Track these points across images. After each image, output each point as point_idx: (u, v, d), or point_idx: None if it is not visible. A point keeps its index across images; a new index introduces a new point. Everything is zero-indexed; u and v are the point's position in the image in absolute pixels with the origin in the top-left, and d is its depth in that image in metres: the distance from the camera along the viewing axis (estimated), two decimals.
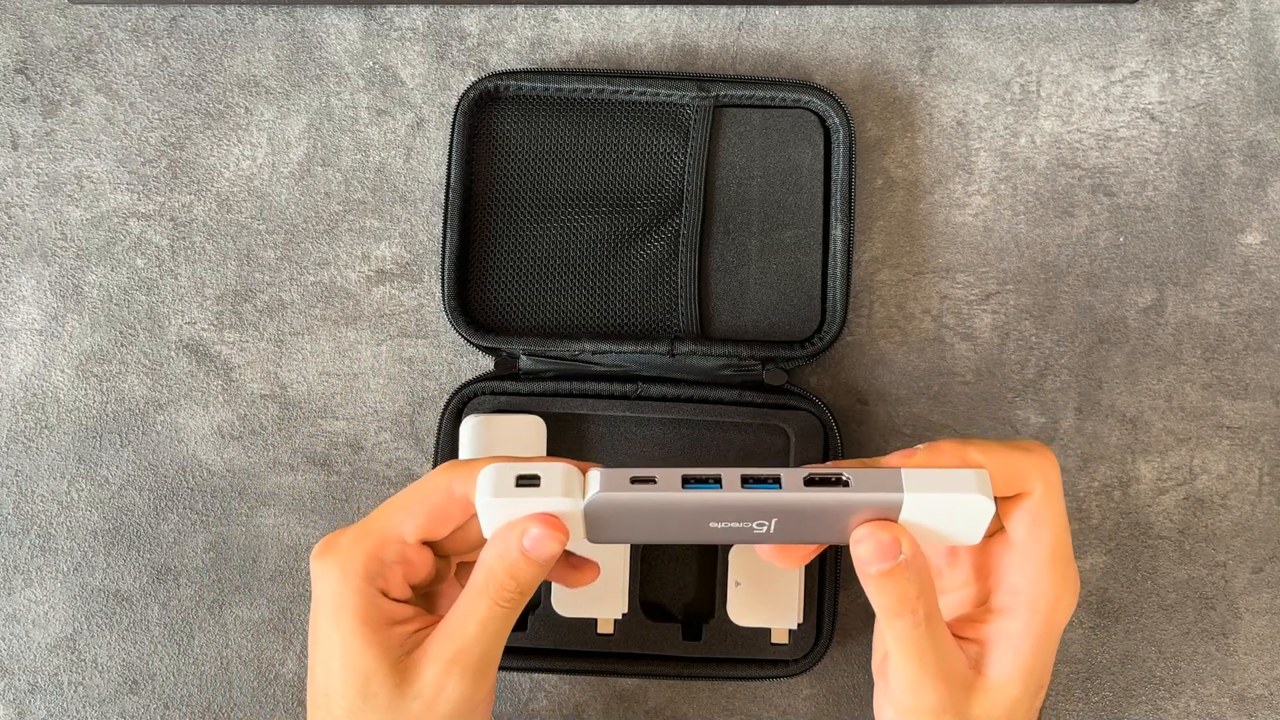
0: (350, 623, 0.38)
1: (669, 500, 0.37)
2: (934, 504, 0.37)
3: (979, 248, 0.52)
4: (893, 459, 0.38)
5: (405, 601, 0.40)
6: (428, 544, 0.40)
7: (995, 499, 0.37)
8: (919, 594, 0.38)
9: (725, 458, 0.51)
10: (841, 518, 0.38)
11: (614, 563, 0.49)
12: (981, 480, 0.37)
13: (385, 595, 0.39)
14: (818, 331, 0.50)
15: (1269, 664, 0.52)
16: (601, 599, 0.48)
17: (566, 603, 0.49)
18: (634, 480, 0.37)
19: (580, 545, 0.40)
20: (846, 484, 0.37)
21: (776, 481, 0.37)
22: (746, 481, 0.37)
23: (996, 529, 0.40)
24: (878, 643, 0.44)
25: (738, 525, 0.38)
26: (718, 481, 0.37)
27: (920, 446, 0.39)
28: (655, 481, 0.37)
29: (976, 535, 0.39)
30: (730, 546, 0.49)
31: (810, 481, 0.37)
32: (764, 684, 0.51)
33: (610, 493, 0.37)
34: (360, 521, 0.40)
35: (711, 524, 0.38)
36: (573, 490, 0.37)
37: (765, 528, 0.38)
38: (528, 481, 0.38)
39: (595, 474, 0.38)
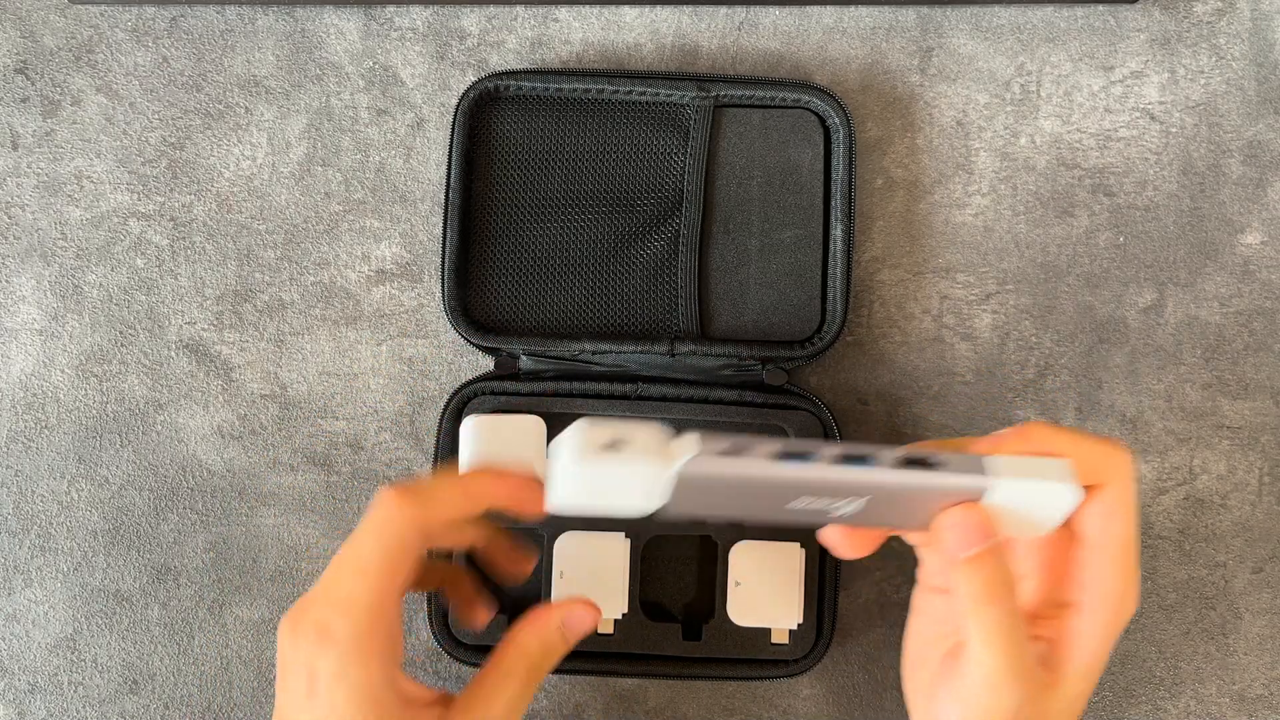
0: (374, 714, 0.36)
1: (760, 471, 0.36)
2: (1020, 491, 0.37)
3: (979, 248, 0.52)
4: (981, 443, 0.38)
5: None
6: None
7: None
8: (1008, 581, 0.37)
9: None
10: (926, 502, 0.37)
11: (613, 562, 0.49)
12: (1067, 471, 0.37)
13: (401, 669, 0.38)
14: (818, 331, 0.50)
15: (1269, 664, 0.52)
16: (601, 598, 0.48)
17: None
18: (729, 448, 0.36)
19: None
20: (938, 466, 0.37)
21: (870, 460, 0.37)
22: (840, 459, 0.36)
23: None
24: (911, 642, 0.44)
25: (821, 505, 0.37)
26: (811, 455, 0.36)
27: (1007, 430, 0.38)
28: (750, 449, 0.36)
29: (1052, 525, 0.38)
30: (730, 546, 0.49)
31: (903, 462, 0.37)
32: (764, 684, 0.51)
33: (704, 458, 0.36)
34: (335, 591, 0.37)
35: (794, 503, 0.37)
36: (663, 453, 0.36)
37: (851, 507, 0.37)
38: (615, 444, 0.36)
39: (691, 438, 0.36)
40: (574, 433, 0.36)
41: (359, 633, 0.36)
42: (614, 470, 0.36)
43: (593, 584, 0.49)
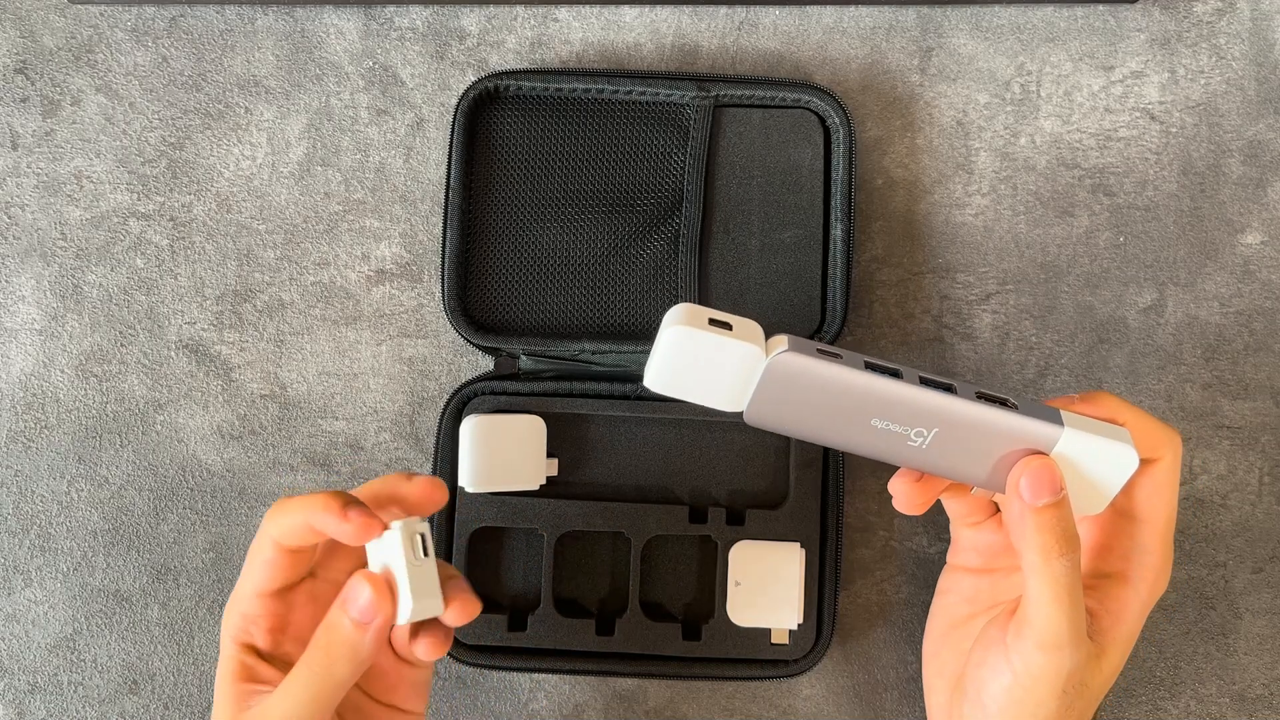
0: (220, 680, 0.41)
1: (847, 379, 0.37)
2: (1087, 446, 0.38)
3: (979, 248, 0.52)
4: (1053, 403, 0.39)
5: (277, 657, 0.41)
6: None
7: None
8: (1076, 536, 0.37)
9: (725, 457, 0.51)
10: (997, 445, 0.38)
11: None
12: (1128, 436, 0.38)
13: (254, 650, 0.40)
14: (818, 331, 0.50)
15: (1269, 664, 0.52)
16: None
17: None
18: (820, 351, 0.37)
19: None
20: (1014, 407, 0.38)
21: (951, 389, 0.37)
22: (924, 381, 0.37)
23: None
24: (937, 621, 0.44)
25: (898, 430, 0.38)
26: (897, 374, 0.37)
27: (1076, 395, 0.39)
28: (840, 357, 0.37)
29: (1108, 497, 0.39)
30: (730, 546, 0.49)
31: (981, 396, 0.38)
32: (764, 684, 0.51)
33: (796, 354, 0.37)
34: (235, 587, 0.41)
35: (874, 421, 0.37)
36: (759, 342, 0.37)
37: (922, 440, 0.38)
38: (720, 324, 0.37)
39: (783, 336, 0.37)
40: (681, 307, 0.37)
41: (225, 615, 0.41)
42: (714, 345, 0.37)
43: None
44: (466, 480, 0.48)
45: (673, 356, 0.37)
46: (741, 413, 0.38)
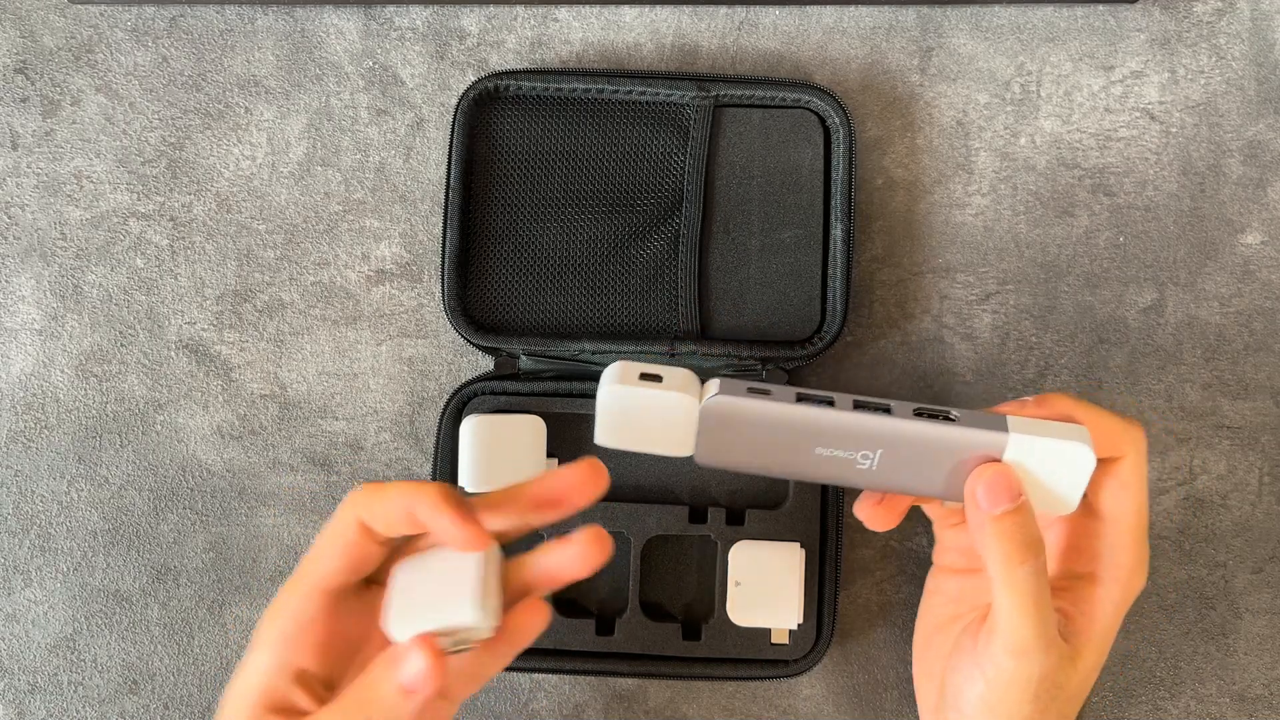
0: (240, 700, 0.37)
1: (781, 413, 0.38)
2: (1038, 449, 0.37)
3: (979, 248, 0.52)
4: (1003, 408, 0.39)
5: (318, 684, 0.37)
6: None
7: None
8: (1039, 541, 0.37)
9: None
10: (944, 459, 0.38)
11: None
12: (1084, 434, 0.38)
13: (297, 674, 0.36)
14: (818, 331, 0.50)
15: (1269, 664, 0.52)
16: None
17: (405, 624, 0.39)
18: (750, 390, 0.38)
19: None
20: (954, 420, 0.38)
21: (887, 410, 0.38)
22: (858, 405, 0.38)
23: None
24: (924, 623, 0.44)
25: (843, 455, 0.38)
26: (830, 402, 0.38)
27: (1029, 398, 0.39)
28: (770, 394, 0.38)
29: (1074, 499, 0.38)
30: (730, 546, 0.49)
31: (919, 413, 0.38)
32: (764, 684, 0.51)
33: (728, 396, 0.38)
34: (286, 584, 0.38)
35: (817, 449, 0.38)
36: (692, 390, 0.38)
37: (869, 462, 0.38)
38: (651, 378, 0.38)
39: (714, 380, 0.39)
40: (614, 366, 0.39)
41: (263, 625, 0.37)
42: (647, 399, 0.38)
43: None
44: (466, 480, 0.48)
45: (612, 414, 0.39)
46: (692, 456, 0.39)
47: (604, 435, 0.40)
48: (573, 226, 0.51)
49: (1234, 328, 0.52)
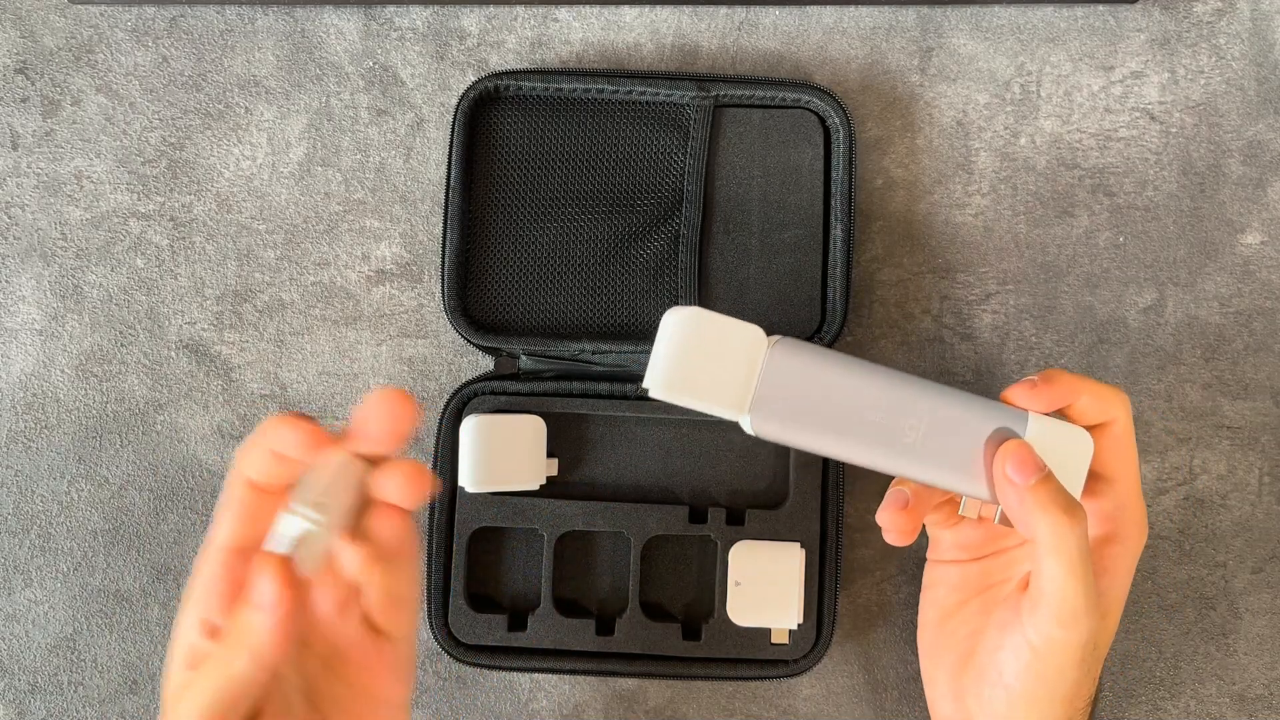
0: (170, 664, 0.37)
1: (845, 363, 0.38)
2: (1050, 430, 0.39)
3: (979, 248, 0.52)
4: (1016, 388, 0.40)
5: None
6: None
7: (1090, 430, 0.40)
8: (1078, 505, 0.38)
9: (725, 457, 0.51)
10: (977, 432, 0.39)
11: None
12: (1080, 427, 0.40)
13: (211, 627, 0.37)
14: (818, 331, 0.50)
15: (1269, 664, 0.52)
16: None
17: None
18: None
19: None
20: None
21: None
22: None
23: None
24: (929, 613, 0.45)
25: (892, 423, 0.39)
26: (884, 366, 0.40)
27: (1035, 375, 0.41)
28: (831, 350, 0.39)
29: (1078, 485, 0.40)
30: (730, 546, 0.49)
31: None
32: (764, 684, 0.51)
33: (796, 340, 0.38)
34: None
35: (869, 414, 0.38)
36: (759, 344, 0.38)
37: (915, 434, 0.39)
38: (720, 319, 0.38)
39: (777, 335, 0.39)
40: (677, 307, 0.38)
41: (188, 589, 0.38)
42: (718, 327, 0.37)
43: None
44: (466, 480, 0.48)
45: (674, 346, 0.37)
46: (743, 421, 0.38)
47: (658, 377, 0.37)
48: (573, 226, 0.51)
49: (1234, 328, 0.52)
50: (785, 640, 0.49)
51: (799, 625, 0.49)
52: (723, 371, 0.37)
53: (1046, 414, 0.40)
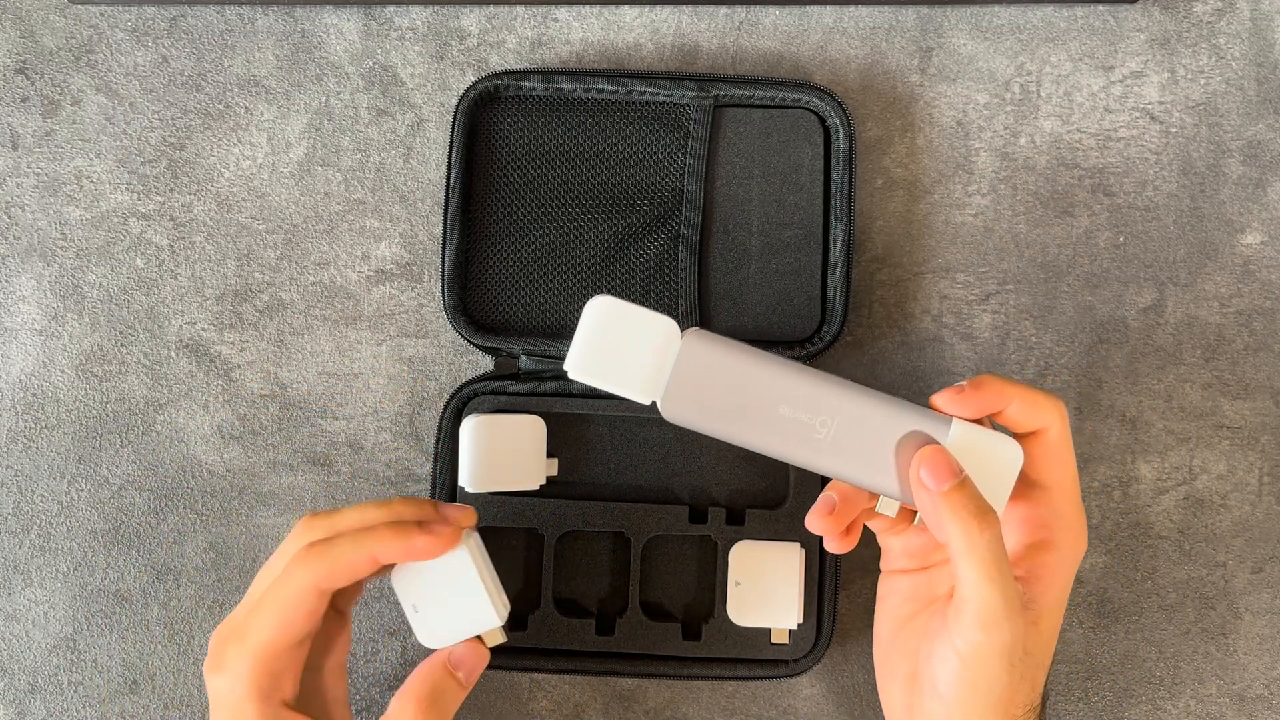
0: None
1: (757, 358, 0.39)
2: (976, 438, 0.39)
3: (979, 248, 0.52)
4: (943, 394, 0.40)
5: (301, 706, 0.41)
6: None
7: (1021, 438, 0.40)
8: (990, 510, 0.38)
9: (725, 457, 0.51)
10: (892, 434, 0.39)
11: (464, 576, 0.43)
12: (1011, 439, 0.40)
13: (285, 705, 0.40)
14: (818, 331, 0.50)
15: (1269, 664, 0.52)
16: (465, 617, 0.44)
17: (431, 634, 0.44)
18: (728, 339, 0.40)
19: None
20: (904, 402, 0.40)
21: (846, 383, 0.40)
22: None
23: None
24: (883, 626, 0.44)
25: (804, 419, 0.39)
26: (799, 361, 0.40)
27: (964, 382, 0.40)
28: (747, 345, 0.40)
29: (1003, 497, 0.40)
30: (730, 546, 0.49)
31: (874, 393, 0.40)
32: (764, 684, 0.51)
33: (705, 334, 0.39)
34: (239, 625, 0.41)
35: (782, 408, 0.39)
36: (672, 335, 0.39)
37: (827, 430, 0.39)
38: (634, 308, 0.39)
39: (694, 327, 0.40)
40: (600, 296, 0.40)
41: (246, 671, 0.40)
42: (633, 317, 0.39)
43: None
44: (466, 480, 0.48)
45: (595, 331, 0.39)
46: (656, 404, 0.40)
47: (577, 359, 0.39)
48: (573, 226, 0.51)
49: (1234, 328, 0.52)
50: (785, 640, 0.49)
51: (799, 625, 0.49)
52: (637, 358, 0.39)
53: (976, 419, 0.40)
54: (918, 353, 0.52)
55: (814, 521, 0.41)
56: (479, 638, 0.43)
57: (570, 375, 0.39)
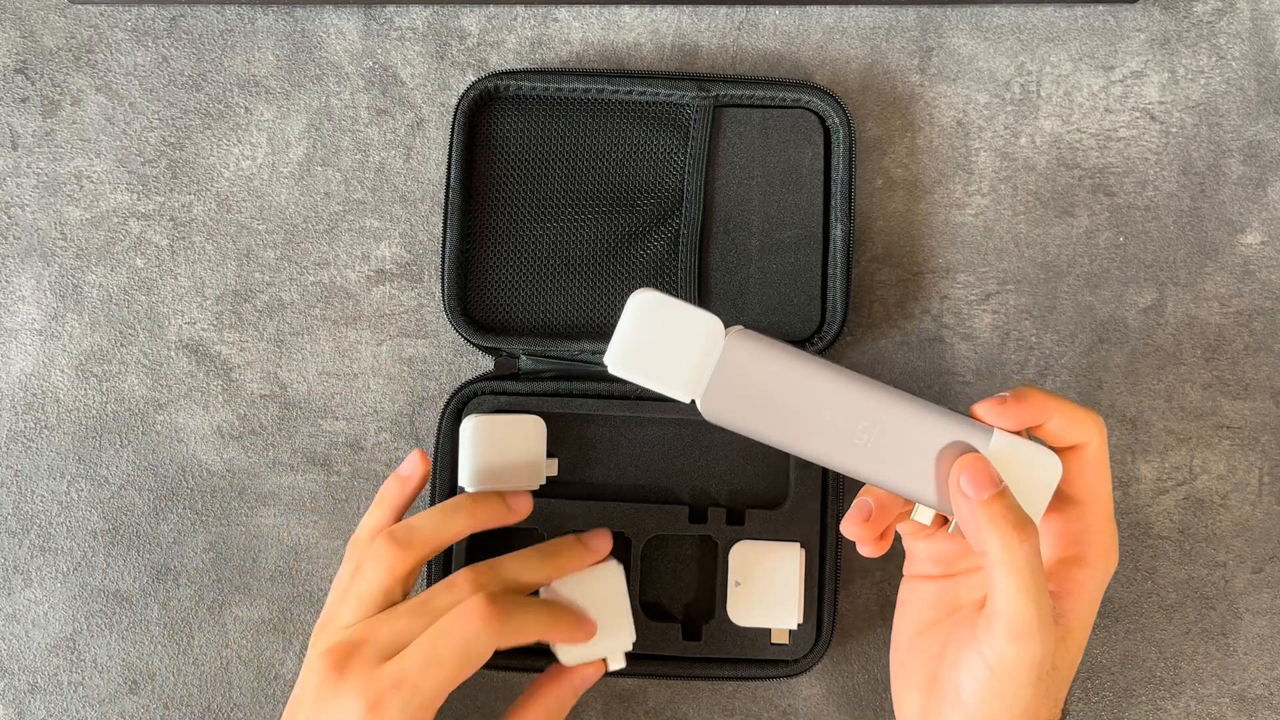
0: None
1: (801, 360, 0.39)
2: (1016, 449, 0.39)
3: (979, 248, 0.52)
4: (985, 404, 0.40)
5: None
6: None
7: (1059, 451, 0.40)
8: (1030, 521, 0.38)
9: (725, 457, 0.51)
10: (933, 443, 0.39)
11: (610, 591, 0.47)
12: (1051, 451, 0.40)
13: None
14: (818, 331, 0.50)
15: (1269, 664, 0.52)
16: (604, 632, 0.46)
17: (570, 652, 0.47)
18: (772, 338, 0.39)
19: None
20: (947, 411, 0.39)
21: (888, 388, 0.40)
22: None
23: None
24: (902, 631, 0.44)
25: (844, 424, 0.39)
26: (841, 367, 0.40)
27: (1007, 393, 0.40)
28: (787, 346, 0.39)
29: (1040, 508, 0.40)
30: (730, 546, 0.49)
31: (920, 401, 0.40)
32: (764, 684, 0.51)
33: (754, 333, 0.39)
34: (413, 677, 0.41)
35: (823, 411, 0.39)
36: (717, 323, 0.39)
37: (867, 437, 0.39)
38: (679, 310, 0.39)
39: (738, 325, 0.39)
40: (642, 289, 0.39)
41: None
42: (677, 314, 0.38)
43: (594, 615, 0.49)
44: (466, 480, 0.48)
45: (635, 326, 0.38)
46: (696, 402, 0.39)
47: (618, 355, 0.39)
48: (573, 227, 0.51)
49: (1234, 328, 0.52)
50: (785, 640, 0.49)
51: (799, 625, 0.49)
52: (679, 355, 0.39)
53: (1016, 432, 0.40)
54: (918, 353, 0.52)
55: (849, 528, 0.41)
56: (603, 660, 0.46)
57: (610, 370, 0.39)
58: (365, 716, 0.40)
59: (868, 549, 0.42)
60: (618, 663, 0.47)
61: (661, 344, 0.38)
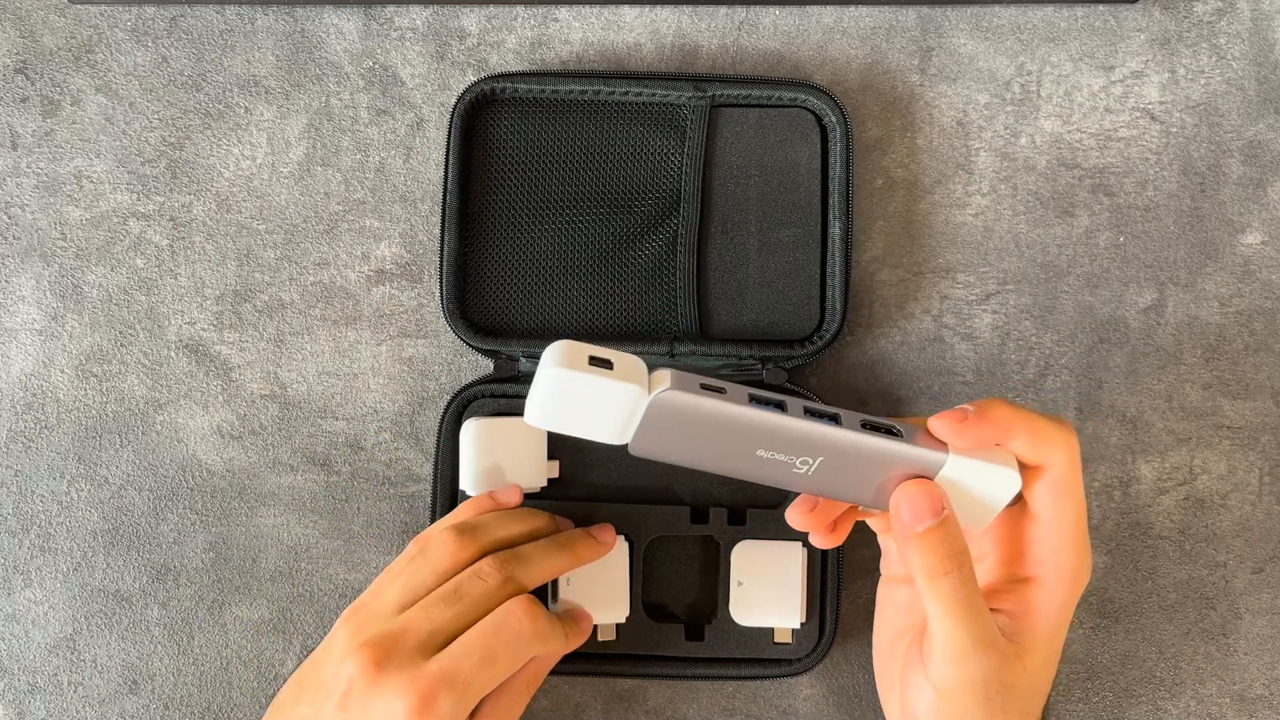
0: None
1: (731, 413, 0.37)
2: (971, 470, 0.38)
3: (979, 248, 0.52)
4: (943, 416, 0.39)
5: None
6: None
7: (1021, 471, 0.39)
8: (963, 551, 0.38)
9: None
10: (880, 471, 0.38)
11: (614, 567, 0.49)
12: (1012, 460, 0.38)
13: None
14: (817, 330, 0.50)
15: (1269, 664, 0.52)
16: (602, 603, 0.48)
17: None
18: (703, 387, 0.37)
19: None
20: (899, 435, 0.38)
21: (836, 419, 0.37)
22: (808, 413, 0.37)
23: (1015, 501, 0.40)
24: (881, 635, 0.44)
25: (783, 459, 0.38)
26: (781, 406, 0.37)
27: (969, 406, 0.39)
28: (724, 392, 0.37)
29: (988, 517, 0.39)
30: (732, 546, 0.49)
31: (866, 425, 0.38)
32: (764, 684, 0.51)
33: (679, 391, 0.36)
34: (467, 675, 0.40)
35: (759, 451, 0.38)
36: (641, 380, 0.37)
37: (808, 468, 0.38)
38: (600, 362, 0.37)
39: (666, 372, 0.37)
40: (560, 345, 0.37)
41: (459, 717, 0.40)
42: (594, 386, 0.36)
43: (593, 589, 0.49)
44: (468, 483, 0.48)
45: (552, 396, 0.37)
46: (626, 445, 0.38)
47: (537, 416, 0.37)
48: (571, 228, 0.51)
49: (1234, 328, 0.52)
50: (788, 640, 0.49)
51: (801, 625, 0.49)
52: (601, 417, 0.37)
53: (977, 448, 0.38)
54: (918, 353, 0.52)
55: (794, 518, 0.41)
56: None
57: (529, 423, 0.38)
58: (414, 712, 0.39)
59: (819, 540, 0.41)
60: (608, 635, 0.48)
61: (582, 404, 0.37)
